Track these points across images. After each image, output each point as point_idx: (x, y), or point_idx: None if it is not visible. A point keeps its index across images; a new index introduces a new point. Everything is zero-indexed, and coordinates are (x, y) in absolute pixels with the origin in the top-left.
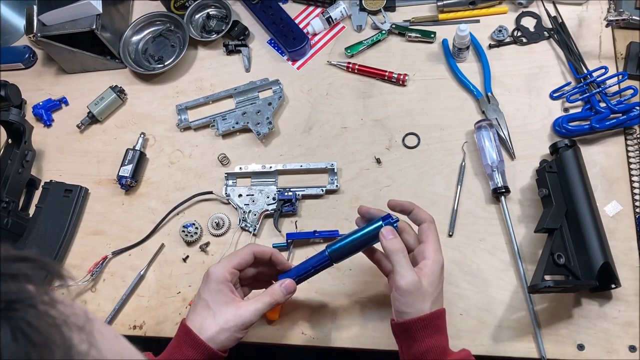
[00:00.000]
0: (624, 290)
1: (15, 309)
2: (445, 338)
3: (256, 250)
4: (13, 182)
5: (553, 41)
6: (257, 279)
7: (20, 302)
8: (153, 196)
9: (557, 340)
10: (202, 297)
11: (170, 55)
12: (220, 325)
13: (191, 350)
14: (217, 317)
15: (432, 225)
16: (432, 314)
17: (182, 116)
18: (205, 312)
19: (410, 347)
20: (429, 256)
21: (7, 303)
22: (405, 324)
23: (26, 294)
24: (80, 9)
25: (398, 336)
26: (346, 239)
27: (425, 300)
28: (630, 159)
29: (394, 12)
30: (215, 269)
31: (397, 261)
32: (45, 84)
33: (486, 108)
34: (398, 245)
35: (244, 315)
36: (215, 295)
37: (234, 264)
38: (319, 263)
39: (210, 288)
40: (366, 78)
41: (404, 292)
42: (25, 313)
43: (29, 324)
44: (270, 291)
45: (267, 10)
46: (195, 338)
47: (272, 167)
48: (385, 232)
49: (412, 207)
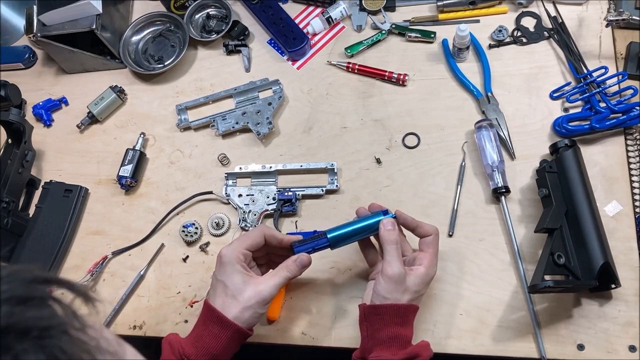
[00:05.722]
0: (624, 290)
1: (49, 336)
2: (411, 332)
3: (266, 232)
4: (13, 182)
5: (553, 41)
6: (271, 259)
7: (53, 328)
8: (153, 196)
9: (557, 340)
10: (219, 280)
11: (170, 55)
12: (242, 304)
13: (217, 327)
14: (238, 297)
15: (436, 238)
16: (408, 305)
17: (182, 116)
18: (224, 293)
19: (377, 331)
20: (425, 264)
21: (40, 330)
22: (381, 307)
23: (58, 320)
24: (80, 9)
25: (367, 319)
26: (346, 227)
27: (405, 293)
28: (630, 159)
29: (394, 12)
30: (227, 252)
31: (390, 251)
32: (45, 84)
33: (486, 108)
34: (395, 236)
35: (265, 291)
36: (231, 276)
37: (245, 246)
38: (319, 247)
39: (225, 270)
40: (366, 78)
41: (388, 280)
42: (58, 340)
43: (63, 351)
44: (285, 265)
45: (267, 10)
46: (220, 316)
47: (272, 167)
48: (386, 222)
49: (415, 223)
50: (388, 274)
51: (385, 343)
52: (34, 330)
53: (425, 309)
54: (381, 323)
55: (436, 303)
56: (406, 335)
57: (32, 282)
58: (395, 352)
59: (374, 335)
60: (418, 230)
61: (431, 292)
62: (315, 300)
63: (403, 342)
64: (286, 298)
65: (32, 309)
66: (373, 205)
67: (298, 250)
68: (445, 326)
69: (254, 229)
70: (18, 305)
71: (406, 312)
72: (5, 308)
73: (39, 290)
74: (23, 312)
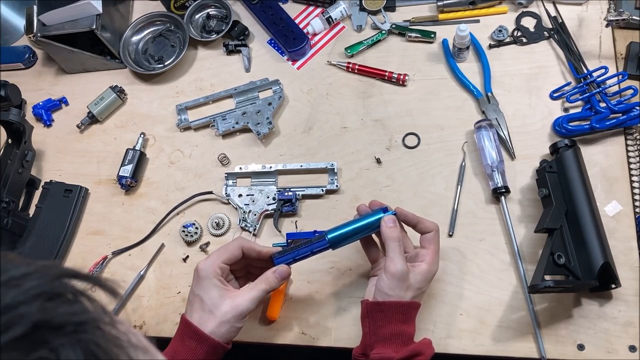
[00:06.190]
0: (624, 290)
1: (84, 331)
2: (414, 329)
3: (244, 245)
4: (13, 182)
5: (553, 41)
6: (249, 271)
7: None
8: (153, 196)
9: (557, 340)
10: (196, 294)
11: (170, 55)
12: (219, 319)
13: (194, 342)
14: (214, 312)
15: (437, 234)
16: (411, 302)
17: (182, 116)
18: (202, 308)
19: (380, 328)
20: (427, 261)
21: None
22: (384, 303)
23: (90, 315)
24: (80, 9)
25: (370, 316)
26: (347, 226)
27: (407, 290)
28: (630, 159)
29: (394, 12)
30: (205, 266)
31: (392, 248)
32: (45, 84)
33: (486, 108)
34: (397, 233)
35: (242, 305)
36: (208, 290)
37: (222, 259)
38: (318, 249)
39: (202, 285)
40: (366, 78)
41: (391, 277)
42: (92, 335)
43: (98, 345)
44: (264, 278)
45: (267, 10)
46: (197, 331)
47: (272, 167)
48: (387, 219)
49: (417, 219)
50: (391, 271)
51: (388, 340)
52: (69, 326)
53: (425, 309)
54: (384, 320)
55: (436, 303)
56: (409, 333)
57: (61, 278)
58: (398, 349)
59: (376, 331)
60: (419, 227)
61: (431, 292)
62: (315, 301)
63: (405, 339)
64: (286, 298)
65: (64, 304)
66: (374, 202)
67: (278, 262)
68: (445, 326)
69: (232, 242)
70: (50, 301)
71: (409, 309)
72: (37, 304)
73: (68, 286)
74: (55, 307)
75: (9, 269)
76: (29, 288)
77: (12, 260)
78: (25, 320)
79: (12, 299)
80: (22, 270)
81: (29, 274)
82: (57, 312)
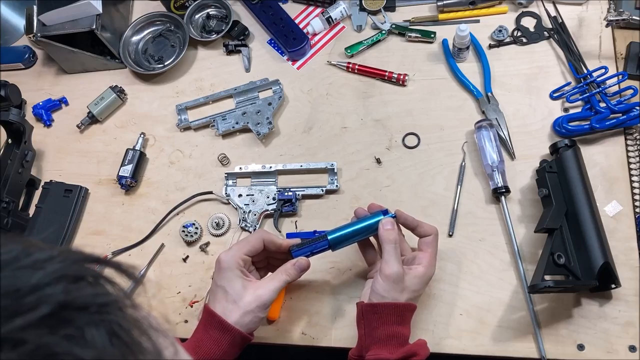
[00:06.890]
0: (624, 290)
1: (107, 312)
2: (409, 331)
3: (265, 237)
4: (13, 182)
5: (553, 41)
6: (270, 262)
7: (109, 305)
8: (153, 196)
9: (557, 340)
10: (218, 285)
11: (170, 55)
12: (243, 309)
13: (218, 332)
14: (238, 302)
15: (435, 238)
16: (406, 304)
17: (182, 116)
18: (225, 298)
19: (375, 329)
20: (424, 264)
21: (98, 306)
22: (379, 305)
23: (112, 297)
24: (80, 9)
25: (365, 317)
26: (347, 228)
27: (403, 293)
28: (630, 159)
29: (394, 12)
30: (226, 257)
31: (389, 251)
32: (45, 84)
33: (486, 108)
34: (393, 236)
35: (265, 295)
36: (231, 281)
37: (244, 251)
38: (319, 249)
39: (225, 276)
40: (366, 78)
41: (386, 279)
42: (115, 316)
43: (121, 326)
44: (284, 269)
45: (267, 10)
46: (221, 321)
47: (272, 167)
48: (385, 222)
49: (416, 223)
50: (386, 273)
51: (383, 341)
52: (93, 306)
53: (425, 309)
54: (379, 321)
55: (436, 303)
56: (404, 334)
57: (83, 261)
58: (393, 350)
59: (371, 333)
60: (418, 230)
61: (431, 292)
62: (315, 301)
63: (401, 340)
64: (286, 298)
65: (87, 286)
66: (372, 205)
67: (296, 254)
68: (445, 326)
69: (253, 234)
70: (73, 283)
71: (404, 311)
72: (61, 285)
73: (89, 270)
74: (79, 289)
75: (33, 252)
76: (53, 270)
77: (36, 244)
78: (51, 300)
79: (38, 280)
80: (47, 254)
81: (53, 258)
82: (80, 294)
